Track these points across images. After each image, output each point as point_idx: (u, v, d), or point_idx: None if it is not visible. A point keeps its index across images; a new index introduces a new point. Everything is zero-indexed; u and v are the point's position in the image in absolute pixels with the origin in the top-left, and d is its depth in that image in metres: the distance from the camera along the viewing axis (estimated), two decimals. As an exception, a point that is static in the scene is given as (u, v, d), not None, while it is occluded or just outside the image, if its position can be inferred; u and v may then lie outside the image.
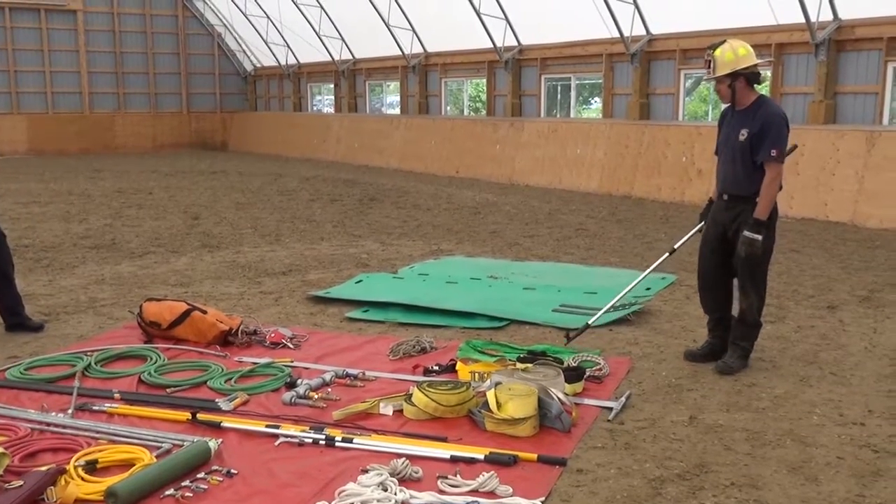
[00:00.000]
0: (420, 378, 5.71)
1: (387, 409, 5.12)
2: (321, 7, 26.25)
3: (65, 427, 4.83)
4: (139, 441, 4.61)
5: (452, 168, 22.04)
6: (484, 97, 23.69)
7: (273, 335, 6.66)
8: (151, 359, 6.17)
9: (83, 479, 4.10)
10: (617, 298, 6.85)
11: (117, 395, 5.37)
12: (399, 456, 4.38)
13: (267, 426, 4.86)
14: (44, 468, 4.16)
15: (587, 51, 19.75)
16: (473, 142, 21.84)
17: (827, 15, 14.65)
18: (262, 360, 6.14)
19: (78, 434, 4.72)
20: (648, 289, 8.42)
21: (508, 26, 21.04)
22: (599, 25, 18.48)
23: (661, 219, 13.70)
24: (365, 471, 4.25)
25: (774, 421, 5.05)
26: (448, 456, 4.47)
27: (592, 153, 18.41)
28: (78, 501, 3.97)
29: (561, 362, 5.77)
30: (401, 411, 5.12)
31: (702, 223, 6.36)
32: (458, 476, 4.23)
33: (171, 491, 4.07)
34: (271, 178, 20.98)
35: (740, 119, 5.89)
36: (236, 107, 34.50)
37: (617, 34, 18.23)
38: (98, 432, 4.75)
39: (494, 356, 6.07)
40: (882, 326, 7.17)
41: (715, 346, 6.21)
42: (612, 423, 5.01)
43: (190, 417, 4.97)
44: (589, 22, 18.55)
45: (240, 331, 6.67)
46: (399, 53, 25.01)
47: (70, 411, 5.06)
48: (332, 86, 29.78)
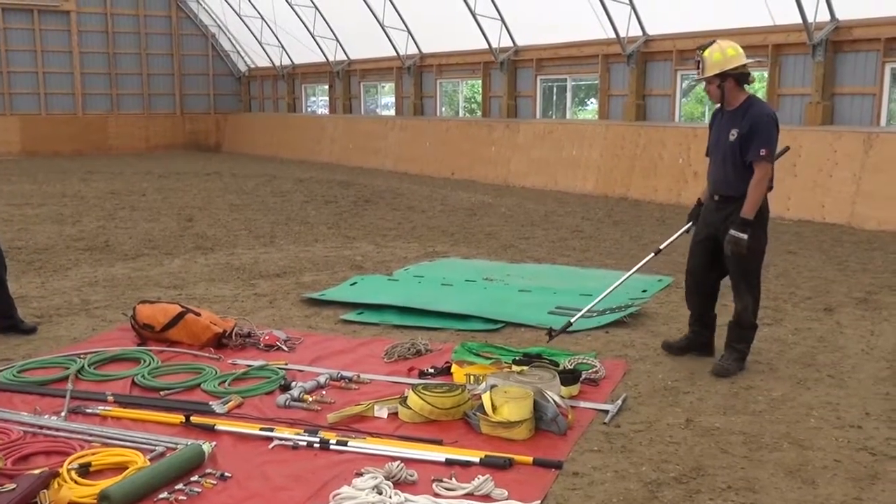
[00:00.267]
0: (415, 381, 5.69)
1: (381, 412, 5.10)
2: (315, 7, 26.24)
3: (58, 430, 4.81)
4: (133, 444, 4.59)
5: (448, 169, 22.03)
6: (479, 98, 23.68)
7: (267, 337, 6.63)
8: (145, 361, 6.14)
9: (76, 483, 4.07)
10: (600, 298, 6.94)
11: (111, 398, 5.34)
12: (394, 459, 4.36)
13: (261, 429, 4.84)
14: (37, 471, 4.14)
15: (583, 52, 19.75)
16: (469, 143, 21.83)
17: (824, 15, 14.63)
18: (257, 363, 6.12)
19: (71, 437, 4.70)
20: (645, 291, 8.41)
21: (504, 27, 21.04)
22: (595, 26, 18.47)
23: (658, 220, 13.70)
24: (359, 474, 4.23)
25: (771, 424, 5.03)
26: (443, 459, 4.45)
27: (588, 154, 18.40)
28: (70, 505, 3.95)
29: (557, 365, 5.75)
30: (396, 414, 5.09)
31: (689, 224, 6.42)
32: (454, 479, 4.21)
33: (165, 494, 4.05)
34: (265, 180, 20.94)
35: (730, 119, 5.92)
36: (230, 108, 34.46)
37: (613, 35, 18.22)
38: (91, 435, 4.73)
39: (490, 358, 6.05)
40: (879, 329, 7.16)
41: (692, 341, 6.36)
42: (609, 426, 4.99)
43: (183, 420, 4.95)
44: (585, 23, 18.54)
45: (234, 333, 6.65)
46: (394, 54, 25.00)
47: (63, 414, 5.04)
48: (327, 87, 29.74)
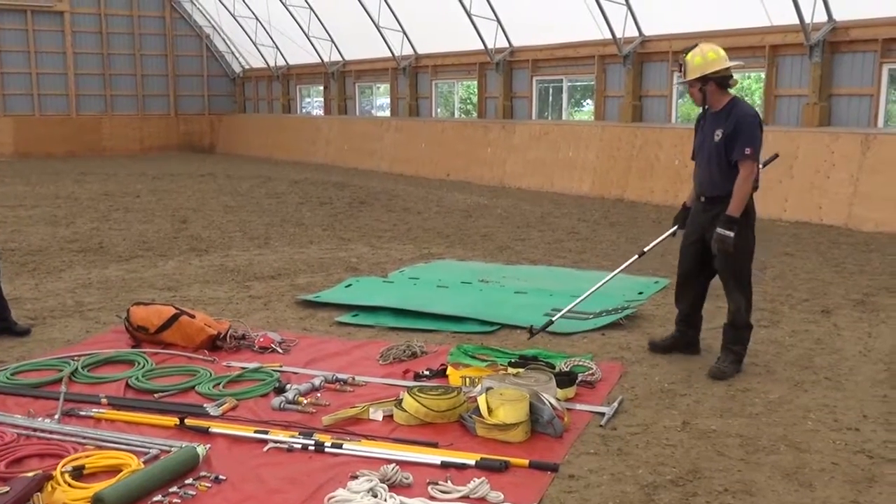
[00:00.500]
0: (410, 383, 5.69)
1: (377, 415, 5.09)
2: (310, 8, 26.20)
3: (51, 432, 4.80)
4: (126, 447, 4.58)
5: (443, 171, 22.01)
6: (475, 99, 23.67)
7: (262, 340, 6.62)
8: (139, 363, 6.13)
9: (70, 485, 4.06)
10: (582, 298, 7.05)
11: (104, 401, 5.33)
12: (389, 462, 4.35)
13: (256, 432, 4.82)
14: (30, 474, 4.14)
15: (579, 52, 19.74)
16: (464, 144, 21.81)
17: (821, 16, 14.61)
18: (251, 365, 6.10)
19: (65, 439, 4.69)
20: (641, 293, 8.42)
21: (500, 27, 21.02)
22: (591, 27, 18.45)
23: (654, 222, 13.69)
24: (354, 477, 4.22)
25: (768, 426, 5.02)
26: (439, 462, 4.44)
27: (584, 156, 18.39)
28: (64, 508, 3.93)
29: (553, 367, 5.74)
30: (391, 416, 5.09)
31: (675, 227, 6.60)
32: (449, 482, 4.20)
33: (159, 497, 4.04)
34: (260, 181, 20.90)
35: (714, 121, 6.03)
36: (225, 109, 34.40)
37: (609, 36, 18.20)
38: (85, 438, 4.73)
39: (485, 361, 6.04)
40: (877, 331, 7.15)
41: (678, 340, 6.46)
42: (605, 429, 4.97)
43: (178, 423, 4.93)
44: (581, 23, 18.52)
45: (228, 335, 6.63)
46: (389, 55, 24.97)
47: (57, 416, 5.02)
48: (322, 88, 29.71)
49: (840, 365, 6.21)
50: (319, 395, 5.48)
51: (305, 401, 5.31)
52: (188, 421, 4.93)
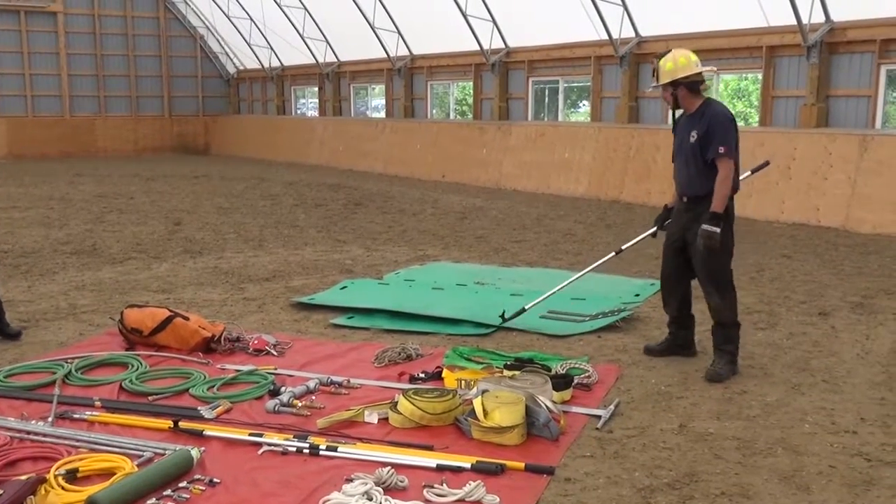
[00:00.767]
0: (406, 385, 5.67)
1: (372, 417, 5.08)
2: (305, 9, 26.18)
3: (45, 435, 4.79)
4: (120, 450, 4.57)
5: (438, 172, 21.99)
6: (470, 100, 23.67)
7: (256, 342, 6.60)
8: (133, 366, 6.10)
9: (63, 489, 4.06)
10: (554, 291, 7.36)
11: (98, 403, 5.31)
12: (384, 465, 4.34)
13: (250, 434, 4.81)
14: (24, 477, 4.13)
15: (575, 53, 19.72)
16: (460, 146, 21.79)
17: (819, 17, 14.57)
18: (245, 368, 6.08)
19: (58, 442, 4.68)
20: (637, 295, 8.41)
21: (495, 28, 20.99)
22: (588, 27, 18.43)
23: (650, 224, 13.63)
24: (349, 480, 4.21)
25: (765, 429, 5.00)
26: (434, 465, 4.42)
27: (581, 157, 18.38)
28: (57, 511, 3.92)
29: (549, 370, 5.74)
30: (386, 419, 5.07)
31: (654, 228, 6.77)
32: (445, 485, 4.19)
33: (153, 500, 4.04)
34: (254, 183, 20.87)
35: (689, 123, 6.17)
36: (219, 110, 34.35)
37: (605, 36, 18.17)
38: (79, 441, 4.71)
39: (481, 363, 6.03)
40: (874, 333, 7.15)
41: (671, 343, 6.51)
42: (601, 432, 4.96)
43: (172, 426, 4.91)
44: (577, 24, 18.50)
45: (222, 338, 6.61)
46: (384, 56, 24.95)
47: (50, 419, 5.00)
48: (317, 89, 29.69)
49: (837, 367, 6.20)
50: (314, 398, 5.47)
51: (300, 403, 5.30)
52: (182, 424, 4.91)
